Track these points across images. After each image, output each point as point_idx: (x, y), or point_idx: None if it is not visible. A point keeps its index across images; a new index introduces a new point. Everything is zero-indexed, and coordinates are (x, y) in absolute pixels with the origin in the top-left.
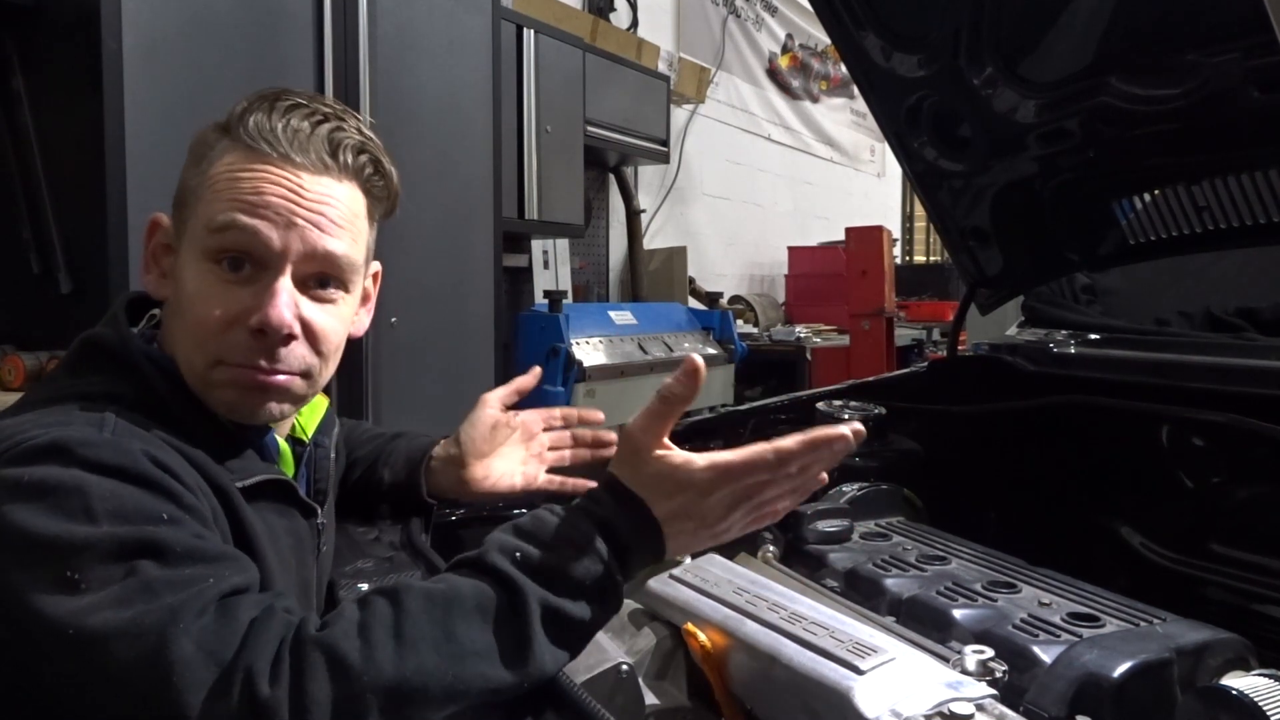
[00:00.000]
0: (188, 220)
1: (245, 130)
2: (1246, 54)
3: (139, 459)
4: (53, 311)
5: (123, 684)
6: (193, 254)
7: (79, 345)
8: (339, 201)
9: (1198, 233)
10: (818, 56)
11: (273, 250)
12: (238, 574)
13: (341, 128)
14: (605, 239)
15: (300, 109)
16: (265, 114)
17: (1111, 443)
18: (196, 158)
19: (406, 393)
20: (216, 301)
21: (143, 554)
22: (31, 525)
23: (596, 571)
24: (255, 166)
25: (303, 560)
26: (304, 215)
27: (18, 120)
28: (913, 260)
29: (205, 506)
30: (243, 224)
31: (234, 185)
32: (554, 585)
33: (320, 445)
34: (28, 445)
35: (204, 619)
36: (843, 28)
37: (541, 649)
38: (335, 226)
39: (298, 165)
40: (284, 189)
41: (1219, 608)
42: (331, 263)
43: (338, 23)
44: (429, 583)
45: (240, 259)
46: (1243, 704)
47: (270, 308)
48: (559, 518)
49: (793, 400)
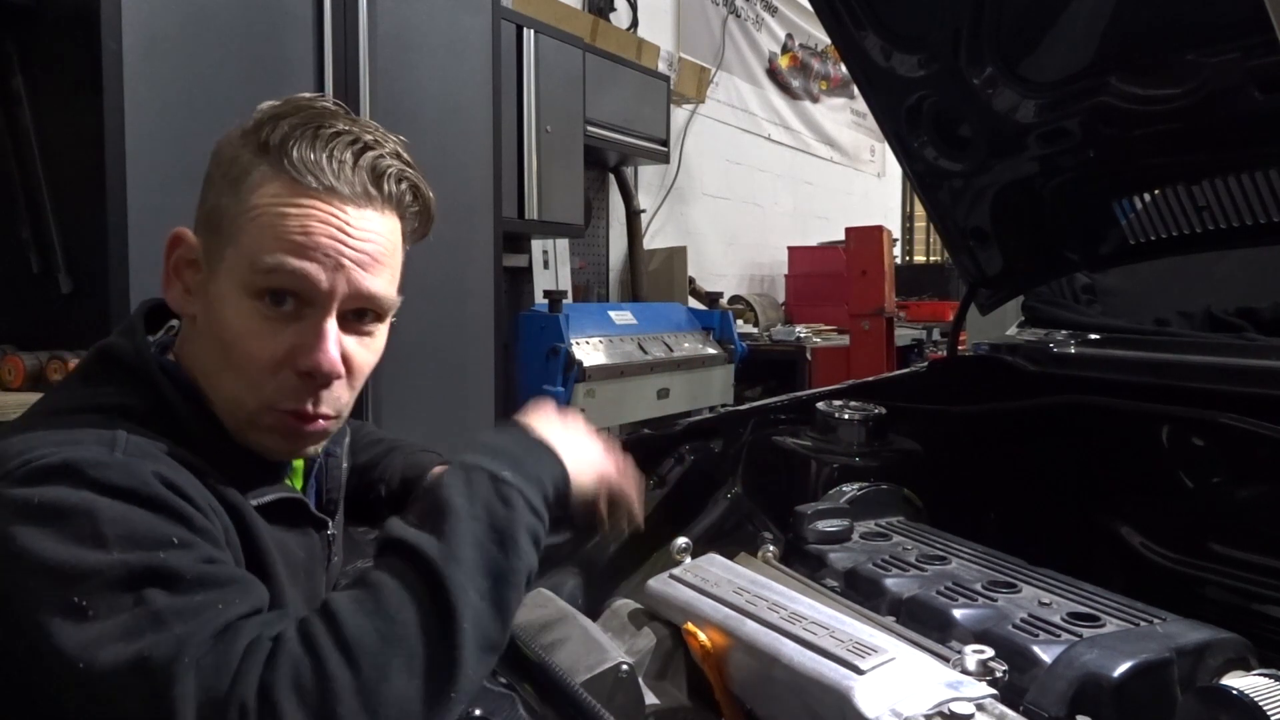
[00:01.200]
0: (225, 249)
1: (290, 162)
2: (1247, 54)
3: (150, 481)
4: (53, 311)
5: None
6: (232, 285)
7: (94, 354)
8: (381, 236)
9: (1198, 233)
10: (818, 56)
11: (321, 290)
12: (246, 599)
13: (384, 156)
14: (605, 239)
15: (343, 137)
16: (309, 144)
17: (1111, 443)
18: (232, 180)
19: (406, 393)
20: (263, 341)
21: (152, 582)
22: (41, 549)
23: (478, 480)
24: (301, 202)
25: (313, 573)
26: (350, 255)
27: (18, 120)
28: (913, 260)
29: (217, 526)
30: (292, 267)
31: (281, 222)
32: (431, 527)
33: (332, 455)
34: (39, 465)
35: (207, 652)
36: (843, 28)
37: (459, 595)
38: (377, 264)
39: (343, 198)
40: (332, 228)
41: (1219, 608)
42: (373, 300)
43: (338, 23)
44: (350, 582)
45: (284, 295)
46: (1243, 704)
47: (321, 353)
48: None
49: (793, 400)
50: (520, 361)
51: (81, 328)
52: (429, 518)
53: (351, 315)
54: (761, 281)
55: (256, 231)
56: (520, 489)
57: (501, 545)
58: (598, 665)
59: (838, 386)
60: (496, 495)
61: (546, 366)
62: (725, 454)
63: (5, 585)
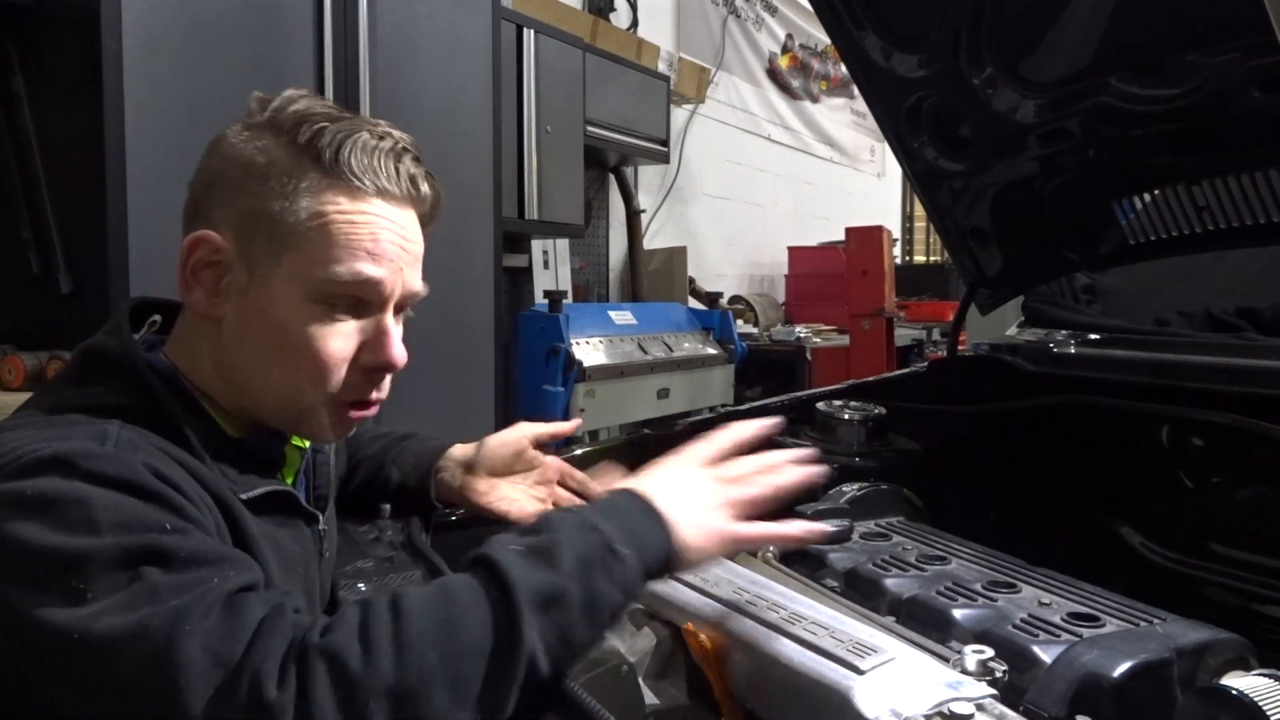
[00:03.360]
0: (282, 255)
1: (348, 167)
2: (1246, 54)
3: (140, 471)
4: (53, 311)
5: (130, 688)
6: (294, 292)
7: (81, 354)
8: (420, 236)
9: (1198, 233)
10: (818, 56)
11: (386, 295)
12: (244, 573)
13: (414, 158)
14: (605, 239)
15: (385, 141)
16: (361, 150)
17: (1111, 443)
18: (275, 185)
19: (406, 393)
20: (335, 341)
21: (147, 560)
22: (35, 540)
23: (593, 543)
24: (364, 209)
25: (306, 568)
26: (406, 259)
27: (18, 120)
28: (913, 260)
29: (208, 519)
30: (368, 275)
31: (352, 231)
32: (544, 565)
33: (320, 452)
34: (29, 459)
35: (210, 619)
36: (843, 28)
37: (531, 636)
38: (418, 263)
39: (395, 200)
40: (393, 233)
41: (1219, 608)
42: (415, 297)
43: (338, 23)
44: (430, 585)
45: (354, 301)
46: (1243, 704)
47: (394, 349)
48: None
49: (793, 400)
50: (520, 361)
51: (81, 328)
52: (533, 557)
53: (395, 309)
54: (761, 281)
55: (324, 240)
56: (628, 567)
57: (588, 615)
58: (597, 665)
59: (838, 386)
60: (604, 568)
61: (546, 366)
62: None
63: (1, 577)
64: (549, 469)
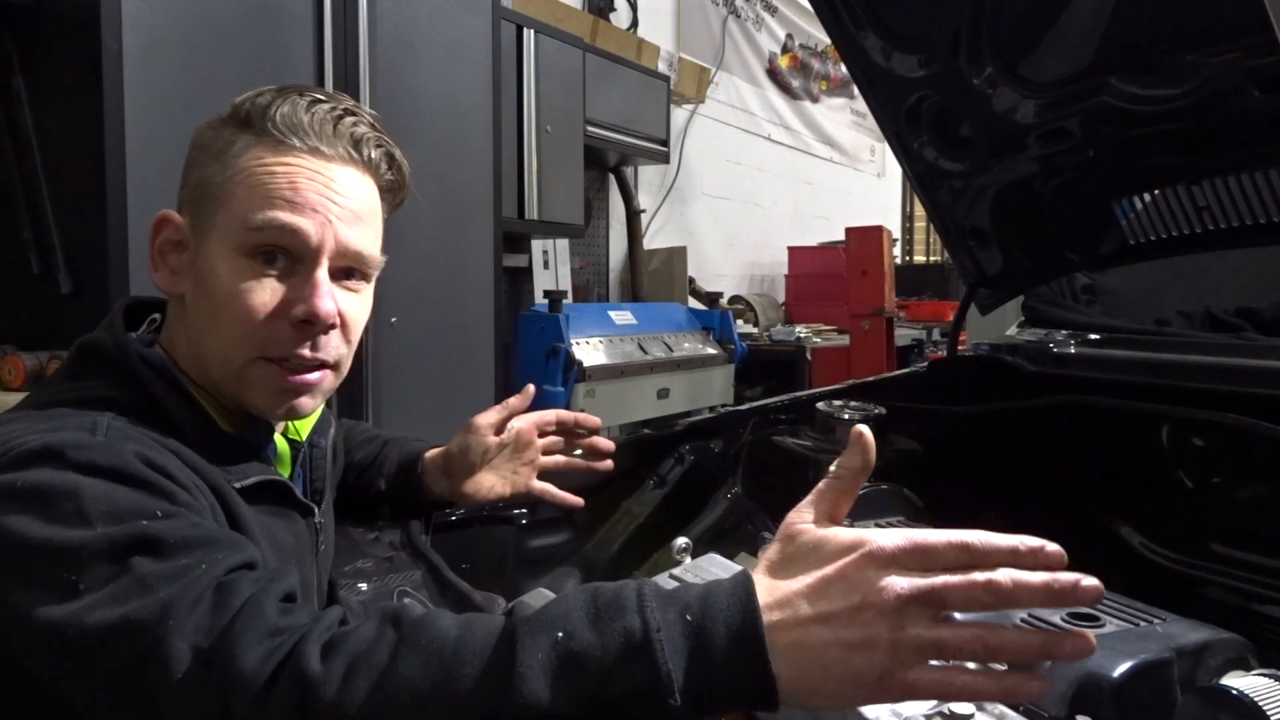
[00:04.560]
0: (215, 215)
1: (273, 124)
2: (1246, 54)
3: (131, 460)
4: (53, 311)
5: (120, 682)
6: (224, 248)
7: (76, 350)
8: (364, 196)
9: (1198, 233)
10: (818, 56)
11: (312, 245)
12: (234, 553)
13: (360, 123)
14: (605, 239)
15: (323, 103)
16: (291, 108)
17: (1111, 443)
18: (214, 153)
19: (406, 393)
20: (258, 295)
21: (137, 550)
22: (27, 532)
23: (640, 678)
24: (287, 160)
25: (302, 560)
26: (336, 212)
27: (18, 120)
28: (913, 260)
29: (202, 503)
30: (282, 222)
31: (269, 180)
32: (567, 684)
33: (316, 445)
34: (20, 450)
35: (198, 611)
36: (843, 28)
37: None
38: (361, 223)
39: (327, 158)
40: (318, 184)
41: (1219, 608)
42: (359, 258)
43: (338, 23)
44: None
45: (274, 253)
46: (1243, 704)
47: (317, 299)
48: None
49: (793, 400)
50: (520, 361)
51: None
52: (564, 668)
53: (341, 274)
54: (761, 281)
55: (245, 192)
56: (674, 712)
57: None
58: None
59: (838, 386)
60: (640, 707)
61: (546, 366)
62: (725, 454)
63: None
64: (522, 435)
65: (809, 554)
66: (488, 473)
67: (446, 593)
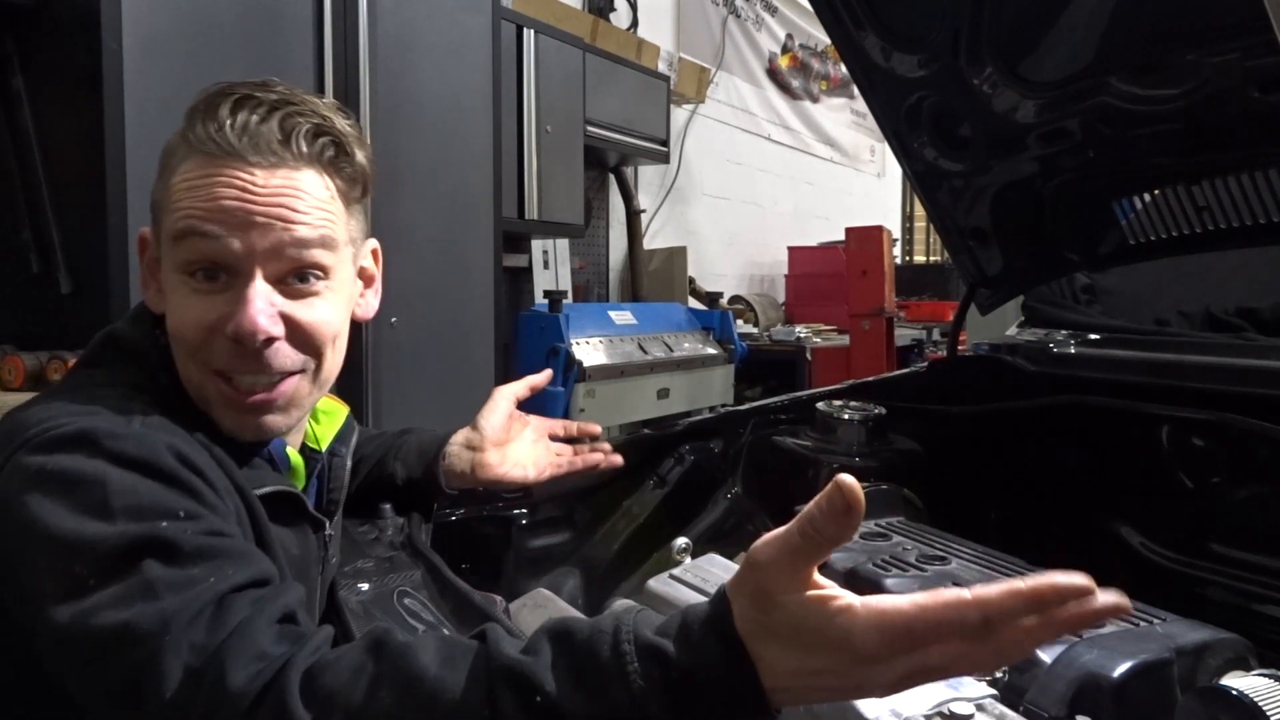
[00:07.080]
0: (161, 233)
1: (195, 136)
2: (1246, 54)
3: (163, 454)
4: (53, 311)
5: (114, 687)
6: (169, 269)
7: (100, 340)
8: (300, 190)
9: (1198, 233)
10: (818, 56)
11: (236, 254)
12: (245, 570)
13: (292, 114)
14: (605, 239)
15: (248, 102)
16: (212, 117)
17: (1111, 443)
18: (163, 168)
19: (406, 393)
20: (192, 312)
21: (150, 552)
22: (49, 519)
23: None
24: (210, 172)
25: (308, 572)
26: (261, 212)
27: (18, 120)
28: (913, 260)
29: (230, 507)
30: (201, 230)
31: (191, 194)
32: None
33: (337, 455)
34: (56, 433)
35: (196, 628)
36: (843, 28)
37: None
38: (298, 215)
39: (251, 163)
40: (236, 189)
41: (1219, 608)
42: (302, 254)
43: (338, 23)
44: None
45: (214, 270)
46: (1243, 704)
47: (242, 315)
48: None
49: (793, 400)
50: (520, 361)
51: (81, 328)
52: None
53: (292, 277)
54: (761, 281)
55: (173, 209)
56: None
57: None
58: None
59: (838, 386)
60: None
61: (546, 366)
62: (725, 454)
63: (12, 550)
64: (539, 425)
65: (792, 637)
66: (514, 447)
67: (446, 593)
